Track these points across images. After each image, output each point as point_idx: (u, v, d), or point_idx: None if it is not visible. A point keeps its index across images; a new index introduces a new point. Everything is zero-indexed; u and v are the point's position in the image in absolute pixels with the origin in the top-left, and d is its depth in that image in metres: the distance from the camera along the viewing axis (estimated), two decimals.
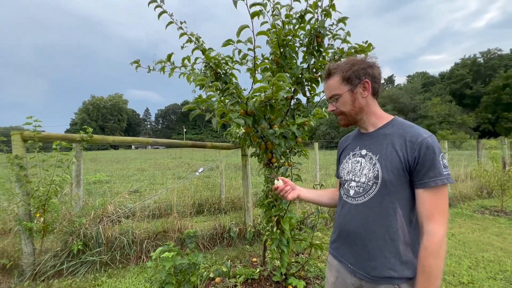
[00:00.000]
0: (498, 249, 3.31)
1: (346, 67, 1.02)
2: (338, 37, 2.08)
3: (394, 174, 0.93)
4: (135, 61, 2.36)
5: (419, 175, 0.90)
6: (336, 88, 1.04)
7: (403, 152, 0.93)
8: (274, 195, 2.35)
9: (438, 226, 0.86)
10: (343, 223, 1.08)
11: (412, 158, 0.91)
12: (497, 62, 59.75)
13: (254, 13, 1.62)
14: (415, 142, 0.91)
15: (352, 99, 1.03)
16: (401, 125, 1.00)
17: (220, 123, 1.77)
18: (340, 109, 1.06)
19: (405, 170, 0.92)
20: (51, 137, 2.73)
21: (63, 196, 3.57)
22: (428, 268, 0.86)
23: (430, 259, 0.86)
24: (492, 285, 2.49)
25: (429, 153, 0.89)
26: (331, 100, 1.08)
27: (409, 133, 0.94)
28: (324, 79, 1.10)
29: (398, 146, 0.94)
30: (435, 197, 0.88)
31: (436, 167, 0.88)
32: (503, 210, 5.05)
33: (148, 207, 4.25)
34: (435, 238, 0.86)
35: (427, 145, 0.89)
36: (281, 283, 2.47)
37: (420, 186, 0.90)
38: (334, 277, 1.13)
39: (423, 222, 0.89)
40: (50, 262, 2.66)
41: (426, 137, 0.91)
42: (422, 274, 0.87)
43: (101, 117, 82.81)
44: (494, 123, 52.61)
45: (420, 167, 0.90)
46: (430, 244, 0.86)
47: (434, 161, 0.88)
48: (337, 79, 1.04)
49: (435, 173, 0.88)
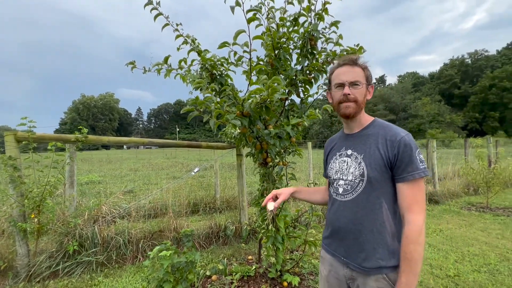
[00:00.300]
0: (483, 244, 3.46)
1: (366, 67, 1.11)
2: (331, 40, 2.15)
3: (378, 171, 1.02)
4: (130, 62, 2.38)
5: (399, 170, 0.99)
6: (360, 76, 1.08)
7: (384, 150, 1.02)
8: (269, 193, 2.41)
9: (416, 215, 0.96)
10: (334, 220, 1.15)
11: (392, 155, 1.00)
12: (484, 62, 61.50)
13: (250, 19, 1.67)
14: (394, 141, 1.01)
15: (365, 94, 1.10)
16: (381, 125, 1.10)
17: (217, 124, 1.82)
18: (356, 96, 1.07)
19: (387, 166, 1.01)
20: (46, 138, 2.72)
21: (56, 197, 3.54)
22: (409, 255, 0.94)
23: (410, 246, 0.94)
24: (476, 278, 2.61)
25: (407, 150, 0.98)
26: (351, 85, 1.07)
27: (389, 133, 1.04)
28: (348, 65, 1.09)
29: (380, 145, 1.03)
30: (413, 190, 0.98)
31: (414, 162, 0.97)
32: (488, 206, 5.25)
33: (143, 207, 4.25)
34: (415, 227, 0.94)
35: (405, 143, 0.99)
36: (276, 279, 2.53)
37: (400, 180, 1.00)
38: (327, 270, 1.20)
39: (404, 213, 0.99)
40: (46, 263, 2.65)
41: (403, 136, 1.01)
42: (404, 260, 0.95)
43: (92, 116, 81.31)
44: (481, 122, 54.14)
45: (400, 163, 0.99)
46: (410, 232, 0.95)
47: (412, 157, 0.98)
48: (361, 71, 1.09)
49: (413, 168, 0.97)
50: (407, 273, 0.94)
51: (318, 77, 2.30)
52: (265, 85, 1.62)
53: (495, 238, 3.65)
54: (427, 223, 4.38)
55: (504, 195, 6.24)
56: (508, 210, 5.04)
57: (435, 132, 41.90)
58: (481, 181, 5.39)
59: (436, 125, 47.59)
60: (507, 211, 4.98)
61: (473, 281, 2.54)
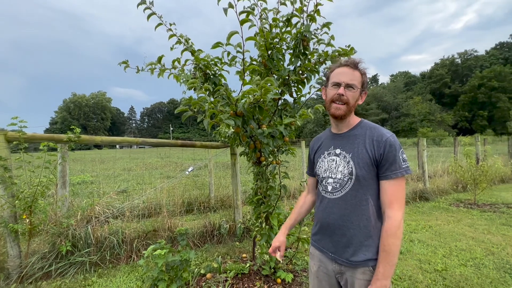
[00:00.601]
0: (470, 239, 3.57)
1: (364, 73, 1.16)
2: (322, 42, 2.19)
3: (366, 170, 1.08)
4: (124, 62, 2.38)
5: (383, 169, 1.06)
6: (357, 81, 1.13)
7: (371, 150, 1.08)
8: (263, 192, 2.45)
9: (396, 211, 1.02)
10: (324, 217, 1.19)
11: (378, 154, 1.06)
12: (473, 62, 62.86)
13: (243, 20, 1.70)
14: (380, 141, 1.07)
15: (357, 98, 1.15)
16: (368, 126, 1.16)
17: (211, 124, 1.84)
18: (349, 99, 1.11)
19: (374, 165, 1.08)
20: (37, 138, 2.69)
21: (48, 198, 3.50)
22: (387, 247, 1.01)
23: (389, 239, 1.01)
24: (463, 271, 2.71)
25: (391, 150, 1.05)
26: (347, 86, 1.11)
27: (375, 133, 1.10)
28: (349, 67, 1.13)
29: (367, 145, 1.09)
30: (395, 187, 1.04)
31: (397, 162, 1.04)
32: (476, 203, 5.41)
33: (137, 207, 4.23)
34: (395, 222, 1.01)
35: (390, 143, 1.06)
36: (270, 276, 2.58)
37: (383, 178, 1.06)
38: (317, 266, 1.24)
39: (385, 209, 1.05)
40: (38, 264, 2.63)
41: (388, 137, 1.08)
42: (382, 252, 1.02)
43: (83, 115, 79.83)
44: (470, 121, 55.38)
45: (384, 162, 1.05)
46: (390, 227, 1.01)
47: (395, 157, 1.05)
48: (360, 76, 1.14)
49: (396, 167, 1.04)
50: (384, 264, 1.00)
51: (310, 77, 2.34)
52: (258, 86, 1.65)
53: (482, 233, 3.78)
54: (417, 219, 4.49)
55: (491, 191, 6.44)
56: (494, 206, 5.21)
57: (426, 130, 42.69)
58: (469, 178, 5.55)
59: (427, 123, 48.48)
60: (493, 207, 5.15)
61: (460, 275, 2.64)
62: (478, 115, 53.69)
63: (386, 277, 1.00)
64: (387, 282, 1.00)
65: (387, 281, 1.00)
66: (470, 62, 63.45)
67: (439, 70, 64.82)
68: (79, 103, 79.15)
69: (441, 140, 34.46)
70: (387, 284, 1.00)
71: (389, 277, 1.00)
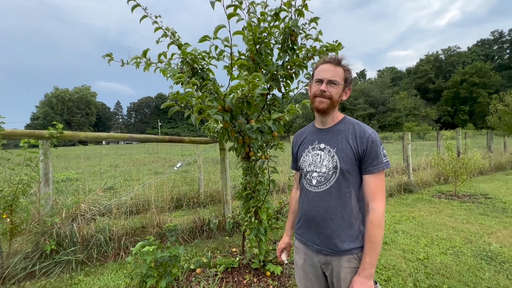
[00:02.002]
0: (450, 228, 3.75)
1: (348, 69, 1.19)
2: (310, 37, 2.20)
3: (349, 164, 1.12)
4: (107, 54, 2.30)
5: (366, 164, 1.11)
6: (339, 77, 1.16)
7: (354, 145, 1.12)
8: (252, 187, 2.46)
9: (379, 203, 1.08)
10: (308, 210, 1.22)
11: (361, 150, 1.11)
12: (456, 59, 64.92)
13: (230, 14, 1.67)
14: (363, 137, 1.12)
15: (340, 94, 1.18)
16: (351, 122, 1.20)
17: (199, 119, 1.82)
18: (332, 94, 1.15)
19: (357, 159, 1.12)
20: (16, 134, 2.58)
21: (30, 196, 3.38)
22: (373, 237, 1.06)
23: (374, 230, 1.06)
24: (443, 259, 2.84)
25: (373, 146, 1.10)
26: (329, 83, 1.15)
27: (358, 130, 1.15)
28: (331, 63, 1.16)
29: (351, 140, 1.13)
30: (377, 181, 1.10)
31: (378, 157, 1.09)
32: (456, 194, 5.66)
33: (125, 204, 4.17)
34: (379, 213, 1.07)
35: (372, 140, 1.10)
36: (259, 269, 2.61)
37: (366, 172, 1.11)
38: (302, 259, 1.27)
39: (369, 201, 1.10)
40: (21, 264, 2.56)
41: (370, 133, 1.13)
42: (368, 242, 1.07)
43: (67, 110, 76.89)
44: (453, 116, 57.42)
45: (367, 157, 1.10)
46: (375, 218, 1.07)
47: (377, 152, 1.10)
48: (342, 72, 1.17)
49: (377, 162, 1.09)
50: (370, 254, 1.06)
51: (298, 72, 2.35)
52: (246, 81, 1.64)
53: (461, 223, 3.96)
54: (401, 211, 4.65)
55: (470, 183, 6.75)
56: (473, 197, 5.47)
57: (411, 125, 43.93)
58: (450, 171, 5.77)
59: (412, 118, 49.87)
60: (472, 198, 5.40)
61: (440, 263, 2.77)
62: (460, 110, 55.73)
63: (372, 266, 1.05)
64: (373, 270, 1.06)
65: (373, 269, 1.06)
66: (453, 58, 65.48)
67: (424, 66, 66.56)
68: (62, 98, 76.11)
69: (425, 134, 35.56)
70: (373, 272, 1.06)
71: (374, 265, 1.06)
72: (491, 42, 67.27)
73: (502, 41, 65.31)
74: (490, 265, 2.70)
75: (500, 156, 10.03)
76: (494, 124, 13.09)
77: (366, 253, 1.07)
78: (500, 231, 3.59)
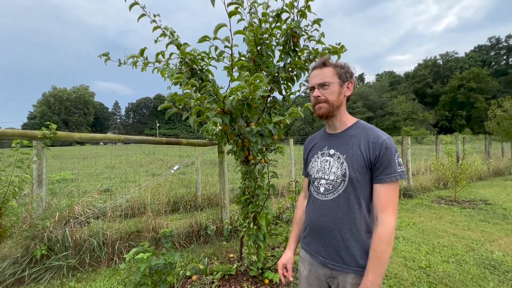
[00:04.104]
0: (451, 235, 3.69)
1: (340, 64, 1.12)
2: (313, 38, 2.15)
3: (360, 172, 1.04)
4: (104, 54, 2.23)
5: (377, 172, 1.02)
6: (329, 76, 1.10)
7: (366, 152, 1.04)
8: (251, 191, 2.39)
9: (390, 216, 0.98)
10: (314, 219, 1.15)
11: (373, 157, 1.02)
12: (454, 64, 65.44)
13: (231, 12, 1.61)
14: (376, 143, 1.03)
15: (339, 91, 1.11)
16: (364, 127, 1.11)
17: (197, 121, 1.75)
18: (327, 96, 1.10)
19: (368, 167, 1.04)
20: (8, 135, 2.49)
21: (23, 198, 3.28)
22: (380, 254, 0.96)
23: (382, 245, 0.96)
24: (445, 268, 2.78)
25: (387, 153, 1.01)
26: (320, 86, 1.11)
27: (371, 135, 1.06)
28: (317, 68, 1.14)
29: (363, 147, 1.05)
30: (389, 192, 1.01)
31: (392, 165, 1.01)
32: (456, 200, 5.61)
33: (120, 207, 4.07)
34: (389, 227, 0.97)
35: (386, 146, 1.02)
36: (257, 277, 2.53)
37: (377, 181, 1.02)
38: (307, 270, 1.20)
39: (378, 213, 1.01)
40: (9, 270, 2.46)
41: (385, 139, 1.04)
42: (374, 259, 0.97)
43: (65, 110, 76.32)
44: (450, 120, 57.75)
45: (379, 165, 1.02)
46: (384, 233, 0.97)
47: (391, 160, 1.01)
48: (331, 70, 1.11)
49: (390, 171, 1.00)
50: (374, 273, 0.96)
51: (300, 74, 2.30)
52: (247, 82, 1.58)
53: (462, 229, 3.91)
54: (401, 216, 4.59)
55: (470, 188, 6.71)
56: (473, 202, 5.43)
57: (409, 129, 44.08)
58: (450, 176, 5.74)
59: (410, 122, 50.05)
60: (472, 203, 5.36)
61: (443, 271, 2.70)
62: (458, 115, 56.05)
63: (375, 286, 0.95)
64: None
65: None
66: (451, 63, 65.99)
67: (422, 71, 66.99)
68: (59, 97, 75.60)
69: (423, 139, 35.74)
70: None
71: (377, 286, 0.95)
72: (488, 48, 67.92)
73: (499, 47, 65.97)
74: (493, 274, 2.64)
75: (498, 162, 10.03)
76: (492, 129, 13.12)
77: (369, 271, 0.97)
78: (502, 238, 3.53)
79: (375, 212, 1.03)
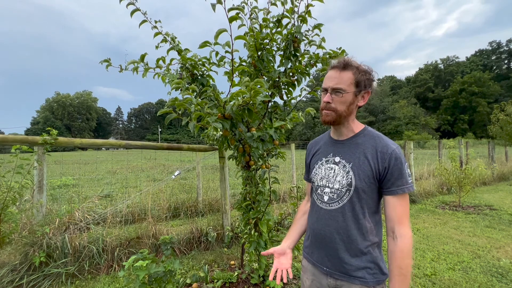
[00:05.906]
0: (456, 242, 3.62)
1: (363, 69, 1.02)
2: (314, 43, 2.14)
3: (366, 182, 1.00)
4: (105, 60, 2.24)
5: (388, 183, 0.98)
6: (345, 84, 1.00)
7: (374, 162, 1.00)
8: (252, 197, 2.36)
9: (407, 229, 0.96)
10: (318, 228, 1.11)
11: (382, 168, 0.98)
12: (455, 68, 65.52)
13: (232, 18, 1.61)
14: (385, 153, 0.99)
15: (351, 101, 1.02)
16: (372, 135, 1.06)
17: (198, 127, 1.74)
18: (336, 105, 1.01)
19: (375, 178, 1.00)
20: (9, 140, 2.49)
21: (23, 203, 3.27)
22: (405, 270, 0.92)
23: (405, 260, 0.93)
24: (451, 276, 2.71)
25: (397, 164, 0.97)
26: (333, 91, 1.01)
27: (380, 144, 1.01)
28: (336, 69, 1.02)
29: (370, 156, 1.01)
30: (403, 204, 0.98)
31: (403, 176, 0.97)
32: (461, 205, 5.53)
33: (121, 212, 4.04)
34: (408, 240, 0.94)
35: (395, 157, 0.98)
36: (259, 285, 2.48)
37: (389, 193, 0.99)
38: (310, 280, 1.16)
39: (395, 226, 0.97)
40: (7, 277, 2.42)
41: (394, 149, 0.99)
42: (399, 276, 0.93)
43: (67, 115, 76.99)
44: (452, 124, 57.53)
45: (390, 176, 0.98)
46: (406, 246, 0.94)
47: (402, 171, 0.97)
48: (350, 77, 1.00)
49: (402, 182, 0.97)
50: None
51: (301, 79, 2.29)
52: (248, 87, 1.56)
53: (467, 236, 3.84)
54: None
55: (474, 194, 6.62)
56: (478, 208, 5.34)
57: (411, 133, 43.94)
58: (453, 181, 5.67)
59: (412, 126, 49.92)
60: (477, 209, 5.28)
61: (449, 279, 2.64)
62: (460, 119, 55.86)
63: None
64: None
65: None
66: (452, 67, 66.06)
67: (423, 75, 67.06)
68: (63, 103, 76.34)
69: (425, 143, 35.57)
70: None
71: None
72: (489, 52, 68.02)
73: (500, 52, 66.06)
74: (501, 282, 2.57)
75: (502, 166, 9.93)
76: (495, 133, 13.03)
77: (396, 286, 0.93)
78: (509, 245, 3.46)
79: (391, 225, 0.99)
